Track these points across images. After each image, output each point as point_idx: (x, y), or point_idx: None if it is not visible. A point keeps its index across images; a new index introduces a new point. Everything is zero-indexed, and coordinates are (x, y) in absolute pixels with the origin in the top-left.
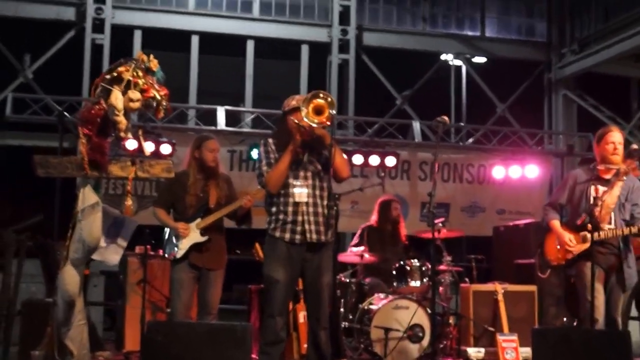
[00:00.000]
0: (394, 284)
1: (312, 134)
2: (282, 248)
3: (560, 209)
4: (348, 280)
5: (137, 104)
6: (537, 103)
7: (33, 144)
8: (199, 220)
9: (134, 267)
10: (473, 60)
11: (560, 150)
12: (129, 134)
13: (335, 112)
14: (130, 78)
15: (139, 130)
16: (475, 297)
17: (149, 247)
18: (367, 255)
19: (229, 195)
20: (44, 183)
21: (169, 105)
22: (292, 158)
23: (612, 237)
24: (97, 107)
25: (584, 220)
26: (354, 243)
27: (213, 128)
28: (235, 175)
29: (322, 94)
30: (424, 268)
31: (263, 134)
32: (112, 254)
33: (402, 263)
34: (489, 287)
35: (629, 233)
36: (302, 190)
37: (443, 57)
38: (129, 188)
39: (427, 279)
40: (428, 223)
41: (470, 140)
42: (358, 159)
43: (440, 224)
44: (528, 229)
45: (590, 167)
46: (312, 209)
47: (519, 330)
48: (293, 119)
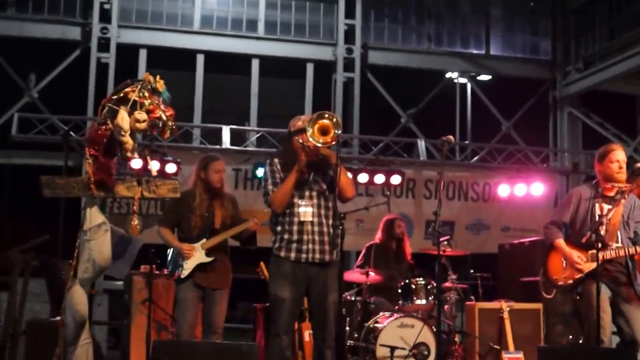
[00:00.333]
0: (400, 302)
1: (317, 154)
2: (287, 267)
3: (564, 227)
4: (353, 299)
5: (143, 125)
6: (542, 121)
7: (38, 163)
8: (205, 241)
9: (139, 286)
10: (478, 79)
11: (566, 168)
12: (135, 154)
13: (341, 131)
14: (137, 99)
15: (145, 150)
16: (481, 315)
17: (154, 266)
18: (372, 274)
19: (234, 216)
20: (49, 202)
21: (175, 126)
22: (297, 178)
23: (620, 255)
24: (103, 127)
25: (589, 239)
26: (359, 262)
27: (218, 147)
28: (240, 194)
29: (327, 114)
30: (430, 286)
31: (268, 153)
32: (119, 269)
33: (407, 281)
34: (495, 305)
35: (636, 252)
36: (307, 210)
37: (448, 75)
38: (135, 208)
39: (432, 297)
40: (433, 241)
41: (476, 159)
42: (363, 178)
43: (446, 242)
44: (533, 247)
45: (593, 184)
46: (317, 229)
47: (525, 348)
48: (298, 140)
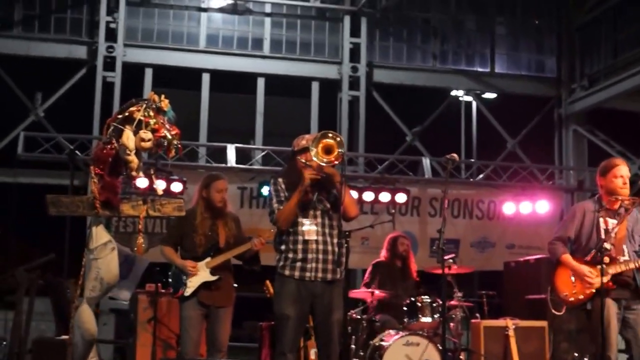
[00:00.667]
0: (405, 320)
1: (321, 174)
2: (292, 286)
3: (569, 243)
4: (359, 317)
5: (148, 144)
6: (547, 138)
7: (44, 182)
8: (209, 259)
9: (144, 305)
10: (483, 96)
11: (571, 186)
12: (141, 173)
13: (345, 150)
14: (142, 118)
15: (151, 169)
16: (486, 332)
17: (160, 285)
18: (377, 292)
19: (238, 235)
20: (55, 221)
21: (180, 145)
22: (301, 197)
23: (629, 268)
24: (108, 146)
25: (594, 255)
26: (366, 280)
27: (223, 165)
28: (246, 213)
29: (331, 134)
30: (435, 304)
31: (273, 171)
32: (123, 291)
33: (413, 299)
34: (500, 322)
35: None
36: (311, 229)
37: (453, 93)
38: (141, 227)
39: (438, 315)
40: (437, 259)
41: (481, 176)
42: (369, 196)
43: (451, 260)
44: (539, 264)
45: (596, 199)
46: (321, 247)
47: None
48: (301, 160)
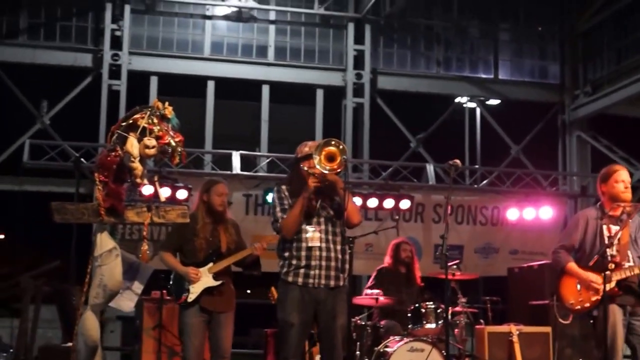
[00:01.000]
0: (409, 326)
1: (324, 181)
2: (295, 292)
3: (573, 251)
4: (364, 323)
5: (152, 151)
6: (550, 145)
7: (50, 190)
8: (211, 265)
9: (150, 311)
10: (487, 103)
11: (574, 192)
12: (145, 180)
13: (348, 157)
14: (146, 125)
15: (155, 176)
16: (491, 338)
17: (165, 291)
18: (382, 298)
19: (238, 241)
20: (61, 229)
21: (184, 151)
22: (305, 204)
23: (633, 274)
24: (113, 154)
25: (597, 261)
26: (370, 285)
27: (229, 172)
28: (251, 220)
29: (333, 141)
30: (439, 310)
31: (278, 178)
32: (126, 301)
33: (417, 305)
34: (504, 328)
35: None
36: (314, 235)
37: (457, 99)
38: (145, 233)
39: (442, 321)
40: (441, 265)
41: (485, 182)
42: (373, 202)
43: (455, 266)
44: (542, 270)
45: (598, 206)
46: (325, 254)
47: None
48: (304, 167)
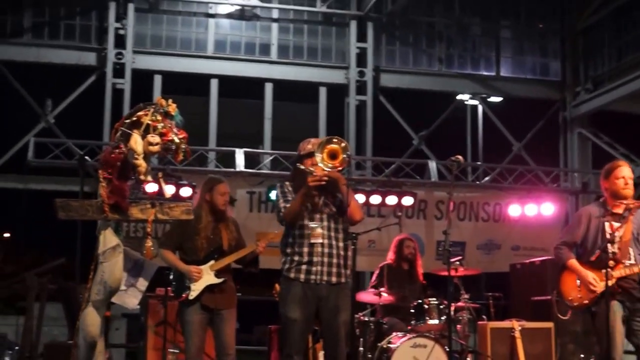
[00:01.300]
0: (412, 323)
1: (324, 180)
2: (297, 288)
3: (575, 247)
4: (367, 319)
5: (156, 148)
6: (552, 141)
7: (54, 189)
8: (213, 262)
9: (155, 308)
10: (489, 100)
11: (576, 188)
12: (149, 177)
13: (350, 155)
14: (150, 122)
15: (159, 174)
16: (493, 334)
17: (169, 288)
18: (385, 295)
19: (238, 238)
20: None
21: (188, 148)
22: (305, 197)
23: (633, 272)
24: (117, 151)
25: (599, 257)
26: (373, 283)
27: (232, 170)
28: (254, 217)
29: (335, 139)
30: (442, 306)
31: (282, 175)
32: (130, 298)
33: (420, 301)
34: (507, 324)
35: None
36: (317, 232)
37: (459, 97)
38: (149, 230)
39: (445, 317)
40: (443, 261)
41: (487, 179)
42: (376, 199)
43: (457, 262)
44: (544, 266)
45: (601, 202)
46: (327, 250)
47: None
48: (307, 164)
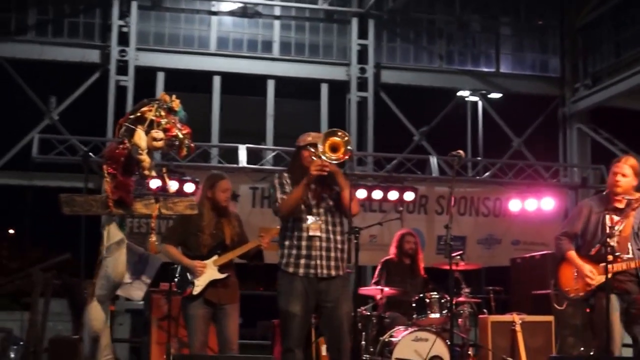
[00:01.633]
0: (414, 317)
1: (326, 170)
2: (296, 283)
3: (575, 239)
4: (369, 314)
5: (160, 143)
6: (551, 137)
7: (59, 185)
8: (216, 257)
9: (159, 303)
10: (489, 96)
11: (575, 183)
12: (153, 173)
13: (352, 149)
14: (153, 118)
15: (163, 169)
16: (494, 327)
17: (173, 283)
18: (387, 289)
19: (240, 233)
20: (71, 223)
21: (192, 144)
22: (305, 190)
23: (630, 267)
24: (121, 146)
25: (599, 250)
26: (376, 279)
27: (235, 166)
28: (257, 212)
29: (339, 132)
30: (443, 300)
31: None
32: (136, 290)
33: (421, 296)
34: (507, 317)
35: None
36: (315, 225)
37: (459, 93)
38: (153, 225)
39: (446, 311)
40: (445, 255)
41: (487, 174)
42: (377, 194)
43: (458, 257)
44: (544, 260)
45: (604, 195)
46: (325, 244)
47: None
48: (306, 155)
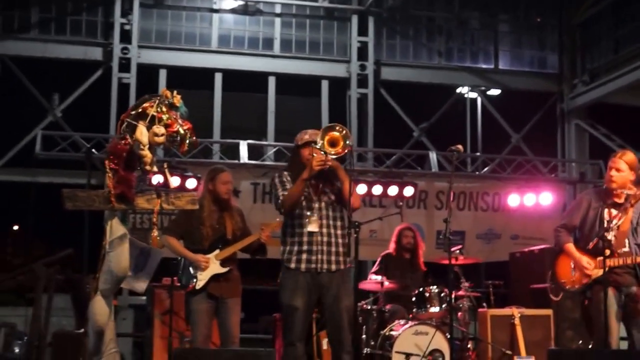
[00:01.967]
0: (414, 310)
1: (326, 164)
2: (298, 278)
3: (574, 231)
4: (369, 308)
5: (161, 139)
6: (550, 133)
7: (62, 182)
8: (218, 252)
9: (161, 298)
10: (488, 93)
11: (573, 178)
12: (155, 168)
13: (351, 143)
14: (155, 113)
15: (164, 164)
16: (493, 321)
17: (175, 278)
18: (387, 283)
19: (243, 228)
20: (74, 219)
21: (195, 139)
22: (305, 184)
23: (626, 263)
24: (123, 142)
25: (596, 244)
26: (374, 270)
27: (236, 162)
28: (258, 208)
29: (337, 127)
30: (443, 294)
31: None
32: (139, 282)
33: (421, 290)
34: (506, 311)
35: None
36: (315, 221)
37: (459, 89)
38: (155, 220)
39: (446, 305)
40: (444, 248)
41: (486, 169)
42: (377, 190)
43: (457, 251)
44: (543, 254)
45: (603, 189)
46: (326, 239)
47: (536, 354)
48: (305, 153)
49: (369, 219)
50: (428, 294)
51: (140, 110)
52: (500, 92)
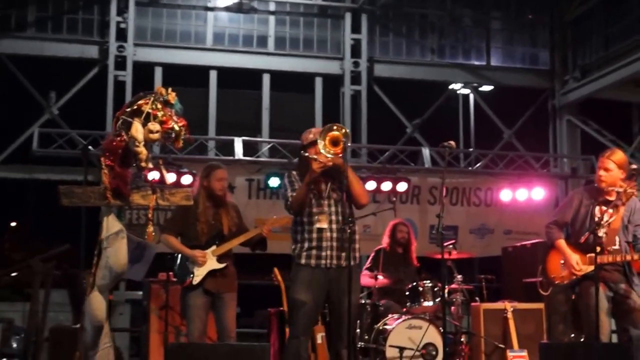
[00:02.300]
0: (408, 305)
1: (328, 164)
2: (308, 273)
3: (565, 227)
4: (363, 302)
5: (156, 135)
6: (541, 128)
7: (59, 179)
8: (215, 248)
9: (157, 293)
10: (480, 89)
11: (565, 173)
12: (150, 164)
13: (349, 141)
14: (150, 110)
15: (160, 161)
16: (486, 315)
17: (171, 273)
18: (381, 278)
19: (239, 223)
20: (71, 216)
21: (189, 135)
22: (311, 182)
23: (616, 260)
24: (118, 138)
25: (587, 239)
26: (368, 265)
27: (231, 158)
28: (253, 203)
29: (336, 126)
30: (436, 288)
31: (280, 163)
32: (136, 272)
33: (414, 284)
34: (499, 305)
35: (632, 259)
36: (324, 218)
37: (451, 86)
38: (150, 216)
39: (439, 299)
40: (437, 243)
41: (479, 165)
42: (371, 185)
43: (451, 246)
44: (535, 249)
45: (594, 186)
46: (335, 235)
47: (528, 347)
48: (304, 153)
49: (363, 215)
50: (421, 289)
51: (136, 108)
52: (493, 88)
